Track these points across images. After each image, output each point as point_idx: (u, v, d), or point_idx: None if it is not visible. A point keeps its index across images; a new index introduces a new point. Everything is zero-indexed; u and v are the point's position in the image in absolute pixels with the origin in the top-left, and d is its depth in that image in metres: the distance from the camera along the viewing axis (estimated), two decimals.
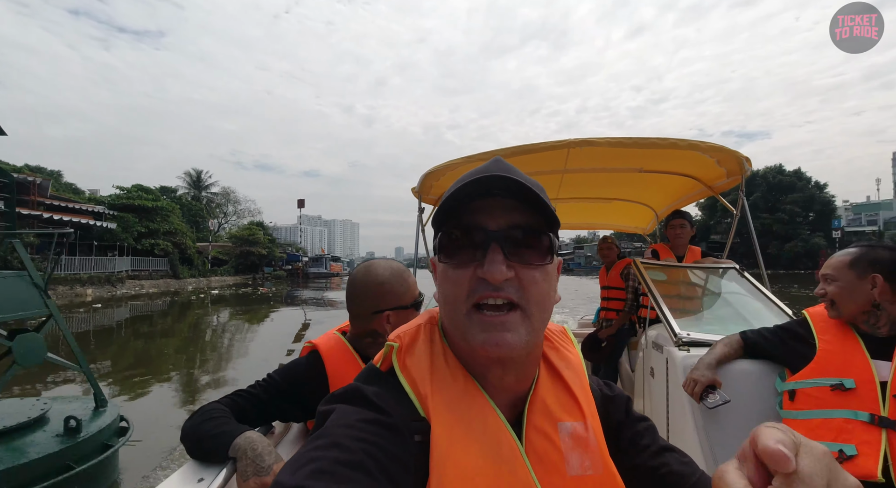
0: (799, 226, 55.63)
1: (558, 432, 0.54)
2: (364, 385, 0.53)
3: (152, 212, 30.63)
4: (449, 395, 0.52)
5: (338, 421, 0.48)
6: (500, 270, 0.49)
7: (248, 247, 45.80)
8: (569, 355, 0.63)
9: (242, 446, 0.91)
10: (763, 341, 1.59)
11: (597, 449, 0.55)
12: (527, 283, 0.51)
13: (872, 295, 1.33)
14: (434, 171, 2.89)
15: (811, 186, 58.18)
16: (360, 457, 0.43)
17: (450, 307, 0.53)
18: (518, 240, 0.52)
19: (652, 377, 2.15)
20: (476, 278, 0.51)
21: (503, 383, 0.54)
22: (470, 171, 0.55)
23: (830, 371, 1.37)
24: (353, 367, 1.15)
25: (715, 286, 2.61)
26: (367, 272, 1.19)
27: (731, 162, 2.55)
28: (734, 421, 1.52)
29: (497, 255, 0.50)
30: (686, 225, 3.03)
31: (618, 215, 4.62)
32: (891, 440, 1.21)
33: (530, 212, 0.52)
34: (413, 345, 0.56)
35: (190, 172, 58.27)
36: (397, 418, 0.49)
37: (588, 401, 0.59)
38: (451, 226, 0.53)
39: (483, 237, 0.51)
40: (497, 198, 0.52)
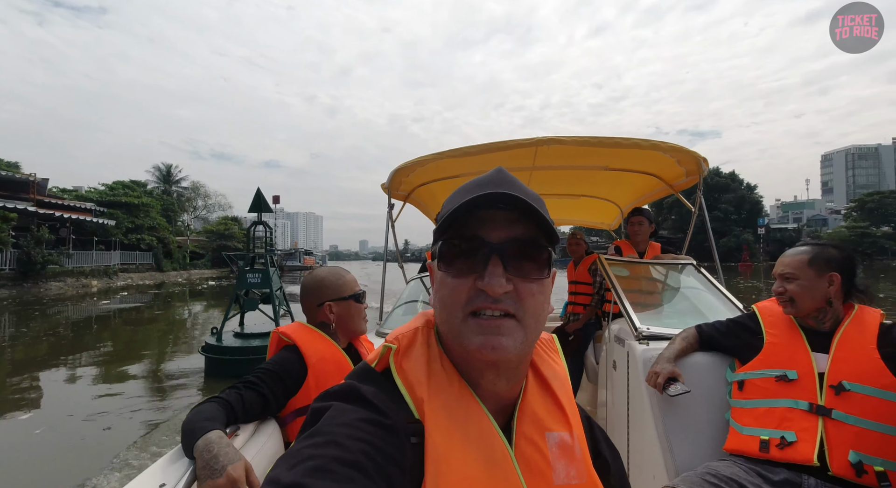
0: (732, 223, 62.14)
1: (546, 441, 0.55)
2: (360, 384, 0.53)
3: (137, 208, 31.88)
4: (445, 399, 0.52)
5: (335, 419, 0.47)
6: (500, 283, 0.50)
7: (223, 242, 47.04)
8: (555, 365, 0.64)
9: (200, 448, 0.90)
10: (716, 334, 1.67)
11: (581, 459, 0.56)
12: (524, 296, 0.52)
13: (829, 292, 1.40)
14: (404, 167, 2.90)
15: (743, 188, 65.09)
16: (359, 457, 0.43)
17: (446, 313, 0.54)
18: (518, 253, 0.52)
19: (614, 370, 2.21)
20: (475, 288, 0.52)
21: (495, 388, 0.55)
22: (474, 181, 0.56)
23: (775, 363, 1.44)
24: (326, 345, 1.35)
25: (673, 281, 2.72)
26: (311, 274, 1.47)
27: (690, 162, 2.66)
28: (688, 410, 1.60)
29: (497, 268, 0.51)
30: (644, 222, 3.13)
31: (584, 211, 4.75)
32: (826, 427, 1.29)
33: (531, 225, 0.53)
34: (410, 348, 0.56)
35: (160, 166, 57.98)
36: (395, 419, 0.49)
37: (573, 412, 0.60)
38: (453, 235, 0.54)
39: (484, 249, 0.52)
40: (500, 211, 0.53)
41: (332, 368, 1.28)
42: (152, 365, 7.71)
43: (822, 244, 1.47)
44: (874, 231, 59.68)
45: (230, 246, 47.74)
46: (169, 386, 6.40)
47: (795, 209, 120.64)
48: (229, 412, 1.06)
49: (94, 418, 5.08)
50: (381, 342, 0.59)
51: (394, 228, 3.59)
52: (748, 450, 1.37)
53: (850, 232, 59.44)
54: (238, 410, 1.08)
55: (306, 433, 0.47)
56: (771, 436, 1.34)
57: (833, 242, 1.48)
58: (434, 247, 0.57)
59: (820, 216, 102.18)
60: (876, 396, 1.27)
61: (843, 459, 1.24)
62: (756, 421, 1.40)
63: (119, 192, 31.62)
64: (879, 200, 62.27)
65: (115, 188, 32.29)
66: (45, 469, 3.88)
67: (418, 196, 3.67)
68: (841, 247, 1.46)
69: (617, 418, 2.13)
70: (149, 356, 8.44)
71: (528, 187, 0.57)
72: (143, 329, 12.08)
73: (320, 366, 1.26)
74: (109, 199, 30.47)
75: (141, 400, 5.71)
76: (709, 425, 1.58)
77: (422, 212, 4.15)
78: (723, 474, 1.32)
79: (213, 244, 47.04)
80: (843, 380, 1.31)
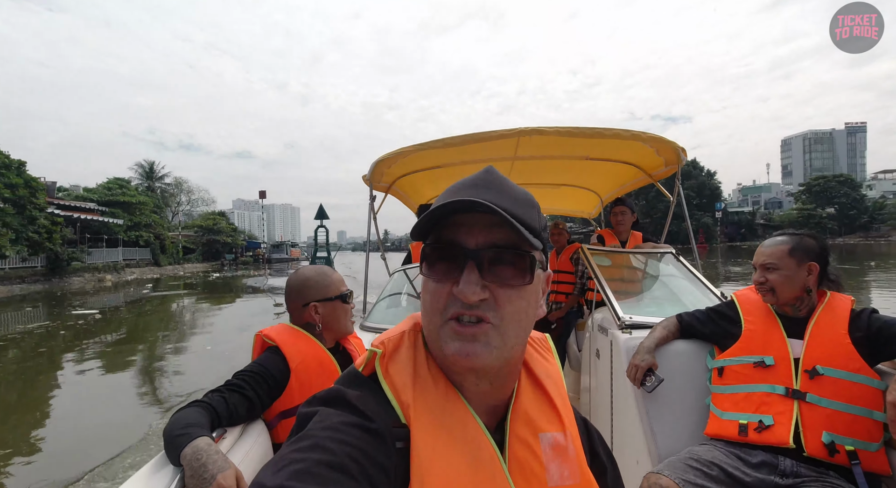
0: (693, 207, 67.00)
1: (539, 442, 0.55)
2: (346, 389, 0.52)
3: (134, 206, 33.51)
4: (430, 402, 0.52)
5: (321, 423, 0.47)
6: (474, 291, 0.49)
7: (212, 236, 48.78)
8: (548, 365, 0.64)
9: (188, 456, 0.88)
10: (696, 322, 1.70)
11: (575, 458, 0.56)
12: (502, 303, 0.51)
13: (808, 282, 1.44)
14: (385, 159, 2.88)
15: (703, 175, 69.78)
16: (343, 460, 0.43)
17: (427, 317, 0.54)
18: (496, 259, 0.51)
19: (597, 358, 2.26)
20: (452, 295, 0.51)
21: (479, 390, 0.55)
22: (461, 182, 0.55)
23: (753, 349, 1.49)
24: (309, 346, 1.32)
25: (654, 270, 2.78)
26: (297, 274, 1.43)
27: (668, 152, 2.71)
28: (670, 396, 1.64)
29: (472, 275, 0.50)
30: (627, 212, 3.19)
31: (566, 200, 4.79)
32: (801, 410, 1.34)
33: (512, 230, 0.50)
34: (396, 352, 0.56)
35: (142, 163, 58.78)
36: (380, 423, 0.49)
37: (567, 411, 0.60)
38: (435, 239, 0.54)
39: (461, 255, 0.51)
40: (479, 215, 0.51)
41: (315, 370, 1.27)
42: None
43: (800, 234, 1.50)
44: (820, 212, 65.37)
45: (219, 240, 49.49)
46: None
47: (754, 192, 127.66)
48: (213, 416, 1.04)
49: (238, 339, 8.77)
50: (366, 336, 0.59)
51: (375, 220, 3.62)
52: (728, 434, 1.42)
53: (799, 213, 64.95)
54: (223, 414, 1.06)
55: (293, 438, 0.47)
56: (749, 420, 1.39)
57: (809, 232, 1.52)
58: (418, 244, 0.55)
59: (776, 199, 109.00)
60: (847, 379, 1.32)
61: (817, 440, 1.28)
62: (735, 406, 1.44)
63: (117, 192, 33.12)
64: (824, 184, 68.13)
65: (111, 187, 33.75)
66: (221, 368, 6.71)
67: (400, 187, 3.69)
68: (816, 236, 1.50)
69: (600, 405, 2.17)
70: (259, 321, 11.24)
71: (518, 186, 0.56)
72: (226, 307, 15.55)
73: (303, 367, 1.25)
74: (108, 199, 31.99)
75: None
76: (690, 411, 1.62)
77: (403, 203, 4.17)
78: (704, 458, 1.36)
79: (202, 238, 48.74)
80: (816, 365, 1.35)
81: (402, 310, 2.85)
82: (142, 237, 33.53)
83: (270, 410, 1.23)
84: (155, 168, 59.29)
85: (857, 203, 67.45)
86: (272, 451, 1.20)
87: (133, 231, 32.73)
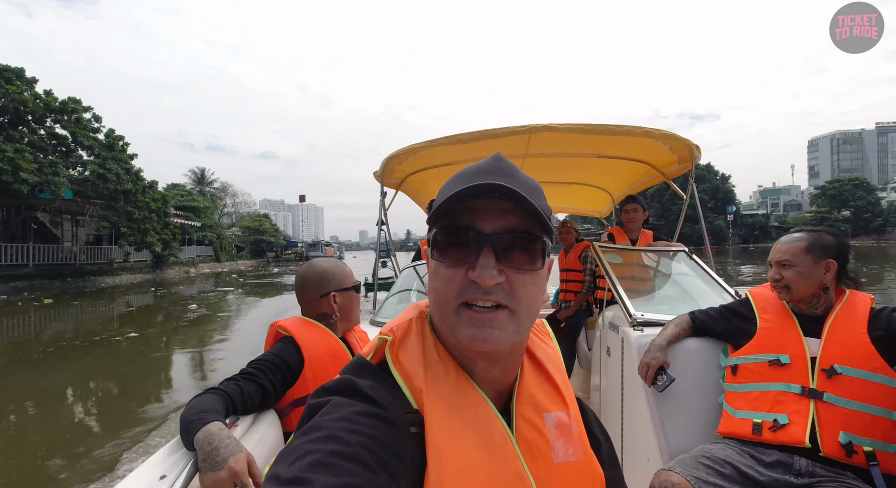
0: (707, 210, 69.51)
1: (544, 422, 0.57)
2: (357, 378, 0.53)
3: (201, 210, 39.08)
4: (442, 388, 0.53)
5: (333, 413, 0.47)
6: (492, 274, 0.50)
7: (258, 236, 54.61)
8: (549, 349, 0.66)
9: (201, 440, 0.90)
10: (709, 320, 1.68)
11: (578, 436, 0.59)
12: (517, 287, 0.52)
13: (825, 279, 1.42)
14: (396, 155, 2.90)
15: (717, 179, 72.03)
16: (358, 450, 0.43)
17: (439, 303, 0.54)
18: (511, 244, 0.52)
19: (608, 356, 2.25)
20: (467, 279, 0.52)
21: (489, 375, 0.56)
22: (471, 168, 0.56)
23: (768, 347, 1.46)
24: (323, 336, 1.34)
25: (666, 268, 2.75)
26: (311, 265, 1.45)
27: (682, 149, 2.67)
28: (682, 394, 1.62)
29: (489, 260, 0.51)
30: (639, 209, 3.17)
31: (576, 199, 4.82)
32: (818, 409, 1.31)
33: (526, 216, 0.52)
34: (406, 339, 0.57)
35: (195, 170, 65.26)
36: (393, 411, 0.49)
37: (568, 392, 0.62)
38: (447, 225, 0.54)
39: (477, 239, 0.52)
40: (494, 200, 0.52)
41: (328, 359, 1.30)
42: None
43: (818, 230, 1.48)
44: (835, 215, 66.70)
45: (264, 239, 55.29)
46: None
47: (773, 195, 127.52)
48: (228, 403, 1.05)
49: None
50: (376, 331, 0.60)
51: (386, 216, 3.62)
52: (741, 433, 1.40)
53: (813, 216, 66.51)
54: (237, 401, 1.08)
55: (303, 428, 0.47)
56: (764, 419, 1.37)
57: (828, 229, 1.49)
58: (429, 234, 0.57)
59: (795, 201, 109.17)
60: (866, 379, 1.30)
61: (834, 440, 1.26)
62: (749, 405, 1.42)
63: (187, 198, 38.76)
64: (839, 187, 69.29)
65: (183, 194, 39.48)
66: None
67: (411, 184, 3.71)
68: (836, 233, 1.48)
69: (611, 403, 2.18)
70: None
71: (525, 173, 0.57)
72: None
73: (317, 357, 1.27)
74: (182, 204, 37.65)
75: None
76: (702, 409, 1.61)
77: (413, 200, 4.20)
78: (716, 456, 1.34)
79: (250, 238, 54.61)
80: (834, 364, 1.33)
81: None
82: (206, 237, 39.04)
83: (284, 399, 1.25)
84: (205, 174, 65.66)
85: (873, 206, 68.45)
86: (284, 439, 1.22)
87: (201, 231, 38.28)
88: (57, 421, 4.97)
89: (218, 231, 41.19)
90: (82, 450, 4.13)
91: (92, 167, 20.34)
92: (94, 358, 7.79)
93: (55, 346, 8.71)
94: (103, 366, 7.41)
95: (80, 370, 7.11)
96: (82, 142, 19.95)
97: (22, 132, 17.65)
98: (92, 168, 20.32)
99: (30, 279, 17.58)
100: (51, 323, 11.64)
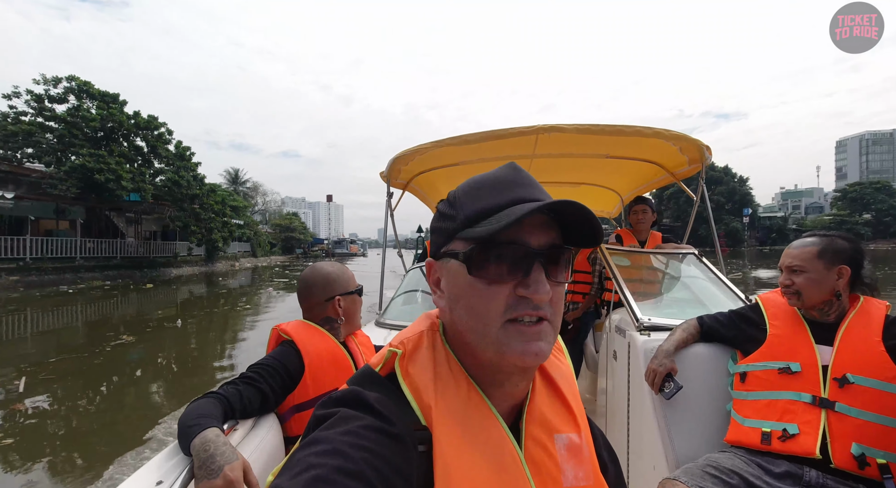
0: (724, 213, 69.92)
1: (555, 443, 0.55)
2: (365, 390, 0.52)
3: (240, 209, 42.79)
4: (452, 404, 0.52)
5: (339, 426, 0.46)
6: (546, 290, 0.50)
7: (289, 233, 58.41)
8: (561, 365, 0.64)
9: (197, 447, 0.89)
10: (718, 326, 1.65)
11: (589, 460, 0.57)
12: (556, 300, 0.53)
13: (837, 285, 1.38)
14: (403, 156, 2.89)
15: (735, 181, 72.50)
16: (362, 467, 0.42)
17: (479, 320, 0.52)
18: (555, 258, 0.53)
19: (615, 359, 2.22)
20: (515, 295, 0.51)
21: (516, 390, 0.55)
22: (494, 179, 0.55)
23: (779, 355, 1.43)
24: (324, 341, 1.33)
25: (675, 271, 2.71)
26: (315, 269, 1.44)
27: (692, 150, 2.64)
28: (689, 400, 1.60)
29: (541, 275, 0.51)
30: (647, 210, 3.14)
31: (585, 199, 4.68)
32: (829, 419, 1.28)
33: (558, 229, 0.53)
34: (416, 352, 0.55)
35: (229, 170, 69.52)
36: (401, 427, 0.48)
37: (580, 412, 0.60)
38: (489, 239, 0.51)
39: (527, 256, 0.51)
40: (537, 215, 0.52)
41: (329, 365, 1.29)
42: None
43: (831, 235, 1.44)
44: (856, 218, 66.56)
45: (294, 237, 59.06)
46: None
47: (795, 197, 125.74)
48: (227, 408, 1.05)
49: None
50: (381, 333, 0.60)
51: (393, 217, 3.63)
52: (749, 442, 1.37)
53: (832, 219, 66.52)
54: (236, 406, 1.08)
55: (308, 439, 0.46)
56: (773, 429, 1.35)
57: (841, 233, 1.46)
58: (448, 246, 0.55)
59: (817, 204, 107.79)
60: (880, 389, 1.26)
61: (846, 452, 1.23)
62: (758, 414, 1.39)
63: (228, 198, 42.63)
64: (860, 190, 68.83)
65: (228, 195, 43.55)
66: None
67: (417, 184, 3.70)
68: (850, 237, 1.44)
69: (617, 407, 2.16)
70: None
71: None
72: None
73: (318, 362, 1.27)
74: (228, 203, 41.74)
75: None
76: (710, 416, 1.59)
77: (421, 200, 4.18)
78: (724, 466, 1.31)
79: (281, 235, 58.43)
80: (847, 373, 1.30)
81: (417, 307, 2.90)
82: (245, 233, 42.67)
83: (284, 404, 1.24)
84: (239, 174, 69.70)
85: (894, 209, 68.11)
86: (284, 444, 1.21)
87: (241, 229, 42.00)
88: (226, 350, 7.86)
89: (254, 228, 44.81)
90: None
91: (169, 175, 24.16)
92: (236, 319, 10.88)
93: (205, 311, 12.31)
94: (244, 323, 10.39)
95: (236, 326, 10.12)
96: (160, 153, 23.90)
97: (119, 147, 21.79)
98: (169, 175, 24.15)
99: (118, 269, 21.40)
100: (171, 299, 15.38)
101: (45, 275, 17.52)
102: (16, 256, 17.51)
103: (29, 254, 18.01)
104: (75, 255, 20.07)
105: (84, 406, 4.93)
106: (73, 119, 20.15)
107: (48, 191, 19.18)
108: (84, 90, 21.09)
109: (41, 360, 6.67)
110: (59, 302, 13.30)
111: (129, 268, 21.93)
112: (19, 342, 8.41)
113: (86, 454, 3.80)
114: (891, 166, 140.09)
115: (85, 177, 19.25)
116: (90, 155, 19.59)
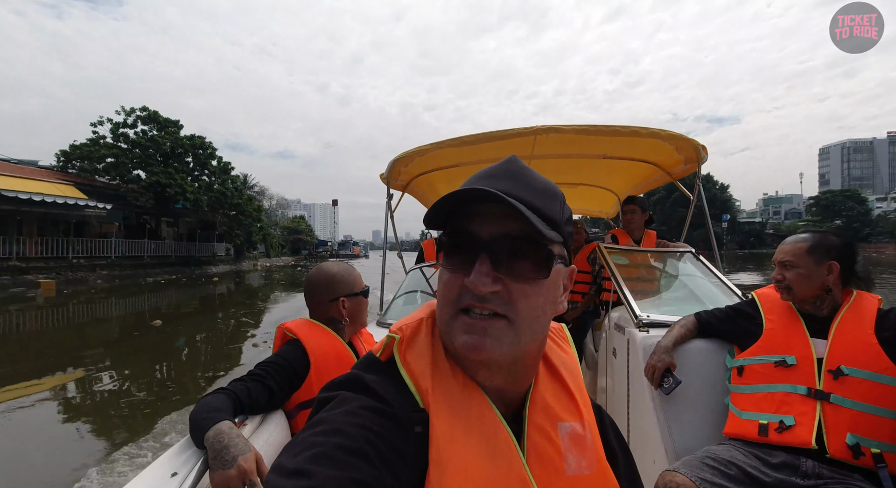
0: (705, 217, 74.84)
1: (558, 432, 0.56)
2: (365, 373, 0.53)
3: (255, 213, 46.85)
4: (448, 389, 0.52)
5: (339, 407, 0.48)
6: (484, 282, 0.49)
7: (296, 236, 62.43)
8: (565, 355, 0.64)
9: (211, 438, 0.92)
10: (715, 321, 1.68)
11: (593, 448, 0.56)
12: (515, 297, 0.50)
13: (827, 281, 1.42)
14: (402, 157, 2.91)
15: (716, 188, 77.02)
16: (361, 444, 0.44)
17: (440, 307, 0.54)
18: (510, 251, 0.50)
19: (614, 357, 2.24)
20: (464, 285, 0.50)
21: (493, 384, 0.55)
22: (482, 171, 0.55)
23: (775, 348, 1.46)
24: (329, 340, 1.35)
25: (672, 269, 2.75)
26: (320, 269, 1.45)
27: (688, 149, 2.69)
28: (688, 395, 1.63)
29: (483, 266, 0.49)
30: (637, 210, 3.17)
31: (583, 200, 4.82)
32: (824, 411, 1.31)
33: (529, 221, 0.49)
34: (414, 339, 0.56)
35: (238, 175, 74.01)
36: (398, 408, 0.49)
37: (585, 401, 0.60)
38: (448, 228, 0.53)
39: (473, 245, 0.51)
40: (494, 204, 0.50)
41: (334, 363, 1.31)
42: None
43: (823, 232, 1.48)
44: (827, 224, 71.37)
45: (301, 239, 63.15)
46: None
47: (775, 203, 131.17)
48: (236, 403, 1.07)
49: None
50: (383, 332, 0.58)
51: (393, 218, 3.65)
52: (747, 434, 1.40)
53: (805, 225, 71.13)
54: (245, 402, 1.10)
55: (312, 421, 0.48)
56: (770, 420, 1.37)
57: (833, 231, 1.50)
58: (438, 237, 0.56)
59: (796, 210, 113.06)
60: (873, 380, 1.29)
61: (841, 442, 1.26)
62: (755, 406, 1.42)
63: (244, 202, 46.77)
64: (831, 198, 73.59)
65: None
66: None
67: (417, 186, 3.73)
68: (841, 234, 1.47)
69: (617, 404, 2.19)
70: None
71: (542, 177, 0.55)
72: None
73: (322, 360, 1.29)
74: None
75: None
76: (708, 410, 1.61)
77: (420, 202, 4.20)
78: (722, 457, 1.34)
79: (290, 237, 62.45)
80: (841, 365, 1.33)
81: (417, 307, 2.82)
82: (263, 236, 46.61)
83: (290, 401, 1.27)
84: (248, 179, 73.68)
85: (862, 216, 72.80)
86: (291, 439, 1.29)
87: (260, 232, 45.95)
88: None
89: (267, 230, 48.69)
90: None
91: (217, 187, 29.05)
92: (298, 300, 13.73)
93: (272, 294, 17.20)
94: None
95: (292, 305, 13.57)
96: (208, 168, 28.71)
97: (181, 164, 26.52)
98: (217, 187, 29.10)
99: (172, 265, 25.93)
100: (242, 287, 20.09)
101: (125, 270, 21.83)
102: (103, 254, 21.83)
103: (114, 253, 22.32)
104: (143, 254, 24.57)
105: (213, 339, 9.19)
106: (146, 142, 24.85)
107: (131, 202, 24.27)
108: (153, 118, 25.71)
109: (174, 312, 12.25)
110: (163, 287, 18.32)
111: (181, 266, 26.34)
112: (154, 308, 13.11)
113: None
114: (871, 173, 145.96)
115: (156, 190, 24.11)
116: (162, 172, 24.25)
